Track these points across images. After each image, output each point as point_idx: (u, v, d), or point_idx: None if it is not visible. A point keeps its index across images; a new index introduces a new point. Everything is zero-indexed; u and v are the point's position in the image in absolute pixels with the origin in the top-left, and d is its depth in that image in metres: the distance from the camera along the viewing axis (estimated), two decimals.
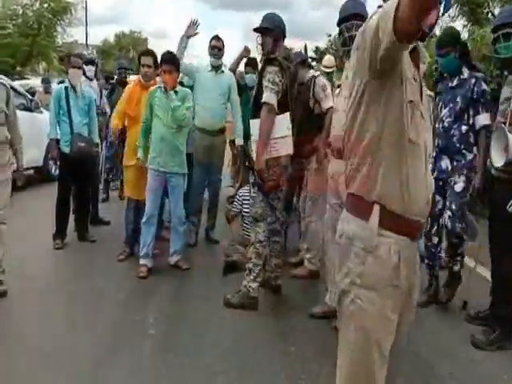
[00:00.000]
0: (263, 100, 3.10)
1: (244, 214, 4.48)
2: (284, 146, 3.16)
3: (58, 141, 4.61)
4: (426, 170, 1.39)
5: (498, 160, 2.78)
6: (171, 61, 3.87)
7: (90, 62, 5.53)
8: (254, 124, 3.22)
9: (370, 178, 1.37)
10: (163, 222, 4.69)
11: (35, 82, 12.88)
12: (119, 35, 43.24)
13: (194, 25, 4.54)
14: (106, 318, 3.13)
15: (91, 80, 5.53)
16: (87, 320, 3.11)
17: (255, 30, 3.34)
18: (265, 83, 3.11)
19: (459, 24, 7.58)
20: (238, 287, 3.38)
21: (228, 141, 5.32)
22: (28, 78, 17.24)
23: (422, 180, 1.37)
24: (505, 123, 2.82)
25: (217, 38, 4.72)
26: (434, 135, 3.27)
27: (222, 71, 4.73)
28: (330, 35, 37.39)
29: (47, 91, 8.92)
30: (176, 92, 3.87)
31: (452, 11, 7.29)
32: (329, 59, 6.28)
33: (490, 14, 6.41)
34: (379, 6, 1.41)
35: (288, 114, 3.17)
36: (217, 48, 4.66)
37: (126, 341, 2.86)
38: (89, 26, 26.44)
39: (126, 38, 43.59)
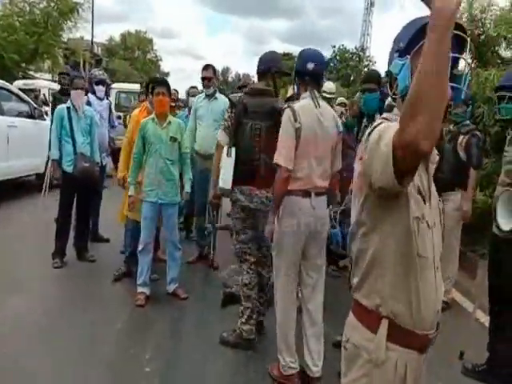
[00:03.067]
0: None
1: None
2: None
3: (59, 160, 4.60)
4: (435, 281, 1.34)
5: (505, 224, 2.78)
6: (164, 83, 3.90)
7: (101, 82, 5.49)
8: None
9: (377, 292, 1.33)
10: (159, 244, 4.68)
11: (40, 82, 12.92)
12: (125, 34, 43.34)
13: None
14: (101, 351, 3.11)
15: (101, 100, 5.50)
16: (83, 352, 3.09)
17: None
18: None
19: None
20: (236, 321, 3.36)
21: None
22: (32, 77, 17.23)
23: (432, 294, 1.33)
24: (510, 185, 2.84)
25: (206, 67, 4.86)
26: None
27: (216, 98, 4.82)
28: (334, 46, 37.73)
29: None
30: (170, 122, 3.89)
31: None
32: (329, 84, 6.40)
33: (495, 54, 6.44)
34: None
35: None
36: (206, 79, 4.80)
37: (120, 378, 2.86)
38: (95, 23, 26.38)
39: (131, 37, 43.71)
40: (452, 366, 3.26)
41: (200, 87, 8.33)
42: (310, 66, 2.75)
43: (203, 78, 4.81)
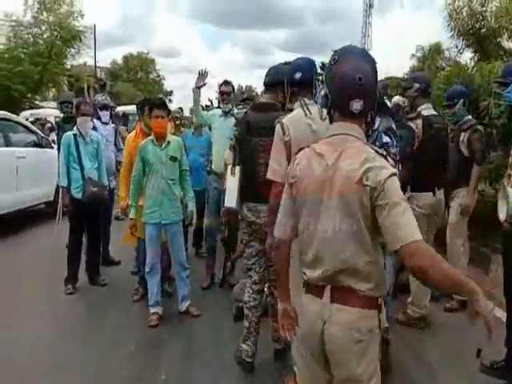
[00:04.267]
0: None
1: None
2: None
3: (68, 187, 4.65)
4: None
5: (501, 213, 2.81)
6: (163, 106, 3.92)
7: (105, 107, 5.59)
8: None
9: (380, 280, 1.64)
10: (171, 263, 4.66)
11: (46, 111, 13.22)
12: (127, 57, 44.02)
13: (202, 75, 4.62)
14: (116, 373, 3.13)
15: (106, 124, 5.59)
16: (97, 375, 3.11)
17: None
18: None
19: (466, 56, 7.56)
20: None
21: None
22: (38, 106, 17.61)
23: None
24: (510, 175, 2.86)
25: (226, 83, 4.82)
26: None
27: (232, 115, 4.81)
28: (335, 51, 37.88)
29: None
30: (169, 142, 3.91)
31: (459, 43, 7.27)
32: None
33: (497, 46, 6.40)
34: None
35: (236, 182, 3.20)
36: (226, 93, 4.76)
37: None
38: (98, 48, 26.83)
39: (133, 59, 44.36)
40: (470, 365, 3.20)
41: (202, 103, 8.46)
42: (298, 75, 2.78)
43: (222, 93, 4.78)
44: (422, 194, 3.80)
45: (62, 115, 6.62)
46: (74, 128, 4.73)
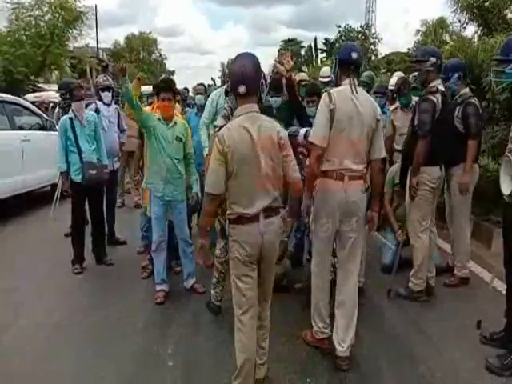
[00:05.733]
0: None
1: None
2: None
3: (67, 172, 4.69)
4: None
5: (506, 188, 2.81)
6: (169, 89, 3.95)
7: (106, 88, 5.57)
8: None
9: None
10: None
11: (49, 94, 13.17)
12: (129, 37, 43.53)
13: None
14: (125, 349, 3.23)
15: (108, 105, 5.59)
16: (107, 351, 3.22)
17: None
18: None
19: (470, 30, 7.41)
20: None
21: None
22: (41, 89, 17.55)
23: None
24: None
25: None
26: None
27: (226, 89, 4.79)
28: (339, 26, 37.02)
29: None
30: (175, 123, 3.97)
31: (462, 17, 7.10)
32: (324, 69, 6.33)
33: (500, 20, 6.26)
34: None
35: None
36: None
37: (145, 373, 2.97)
38: (99, 28, 26.59)
39: (135, 39, 43.86)
40: (470, 337, 3.27)
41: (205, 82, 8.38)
42: (354, 55, 2.95)
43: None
44: (430, 167, 3.80)
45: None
46: (70, 112, 4.74)
